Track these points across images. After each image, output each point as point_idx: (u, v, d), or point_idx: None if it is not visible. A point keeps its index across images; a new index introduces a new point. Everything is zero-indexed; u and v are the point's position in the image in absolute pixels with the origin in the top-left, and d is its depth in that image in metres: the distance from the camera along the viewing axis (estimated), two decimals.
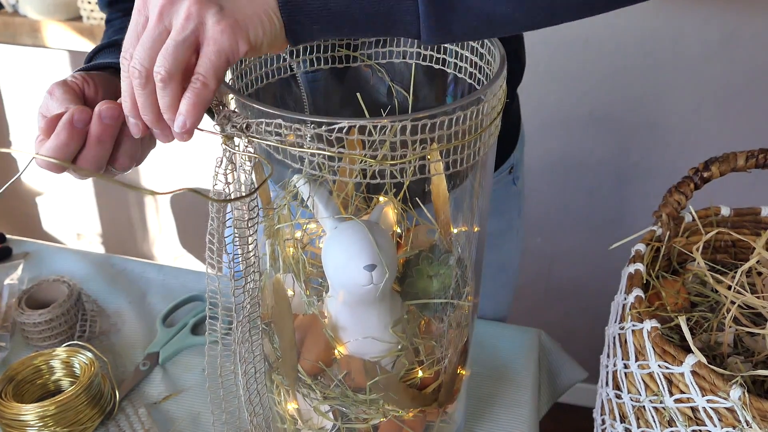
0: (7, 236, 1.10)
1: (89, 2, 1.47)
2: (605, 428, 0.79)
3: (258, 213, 0.56)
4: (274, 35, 0.49)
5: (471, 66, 0.63)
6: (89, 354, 0.81)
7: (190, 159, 1.73)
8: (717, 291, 0.77)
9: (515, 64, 0.84)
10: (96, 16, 1.50)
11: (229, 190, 0.54)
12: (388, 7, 0.48)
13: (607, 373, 0.77)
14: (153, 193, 0.45)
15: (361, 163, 0.49)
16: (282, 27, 0.49)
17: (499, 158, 0.90)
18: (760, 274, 0.78)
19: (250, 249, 0.56)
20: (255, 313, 0.60)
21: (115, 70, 0.65)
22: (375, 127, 0.48)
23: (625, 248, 0.80)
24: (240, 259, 0.56)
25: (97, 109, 0.52)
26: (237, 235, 0.56)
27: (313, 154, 0.50)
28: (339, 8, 0.48)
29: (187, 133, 0.49)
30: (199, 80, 0.47)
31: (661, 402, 0.66)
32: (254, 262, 0.57)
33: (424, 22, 0.49)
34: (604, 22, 1.34)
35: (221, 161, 0.52)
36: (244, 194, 0.54)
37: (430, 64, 0.66)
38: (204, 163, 1.72)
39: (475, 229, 0.65)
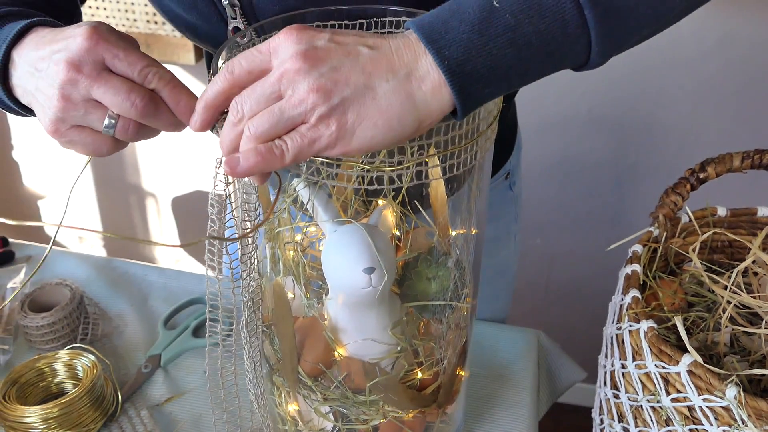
0: (10, 240, 1.10)
1: (89, 6, 1.48)
2: (604, 428, 0.79)
3: (258, 216, 0.57)
4: (405, 135, 0.47)
5: None
6: (91, 356, 0.81)
7: (192, 159, 1.74)
8: (713, 291, 0.77)
9: None
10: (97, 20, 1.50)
11: (228, 190, 0.55)
12: (558, 44, 0.46)
13: (605, 373, 0.78)
14: (171, 246, 0.46)
15: (359, 168, 0.50)
16: (431, 117, 0.46)
17: (496, 164, 0.90)
18: (756, 274, 0.79)
19: (251, 251, 0.57)
20: (256, 313, 0.60)
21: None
22: None
23: (624, 249, 0.80)
24: (239, 261, 0.57)
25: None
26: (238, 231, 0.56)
27: (311, 160, 0.50)
28: (509, 63, 0.46)
29: (232, 174, 0.48)
30: (281, 148, 0.46)
31: (658, 401, 0.67)
32: (254, 263, 0.58)
33: (596, 46, 0.47)
34: None
35: (221, 162, 0.53)
36: (245, 197, 0.55)
37: None
38: (205, 163, 1.73)
39: (473, 231, 0.66)
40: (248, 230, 0.55)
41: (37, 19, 0.58)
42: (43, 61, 0.54)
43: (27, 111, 0.60)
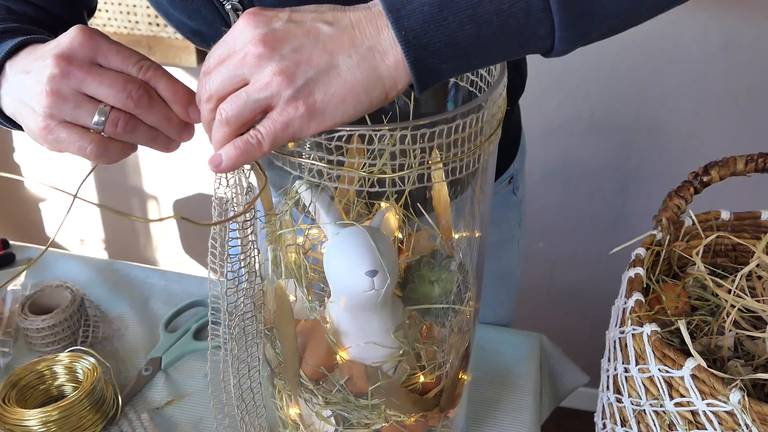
0: (11, 242, 1.10)
1: None
2: None
3: (255, 215, 0.57)
4: (374, 105, 0.47)
5: (471, 73, 0.63)
6: (92, 359, 0.81)
7: (193, 162, 1.74)
8: (717, 295, 0.77)
9: (516, 77, 0.83)
10: (98, 23, 1.51)
11: (230, 193, 0.55)
12: (520, 25, 0.45)
13: (608, 377, 0.77)
14: (147, 220, 0.46)
15: (361, 170, 0.50)
16: (397, 87, 0.47)
17: (499, 168, 0.89)
18: (760, 277, 0.79)
19: (246, 250, 0.57)
20: (249, 313, 0.60)
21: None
22: (375, 135, 0.48)
23: (627, 252, 0.80)
24: (236, 259, 0.57)
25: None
26: (239, 237, 0.56)
27: (313, 162, 0.50)
28: (468, 39, 0.45)
29: (217, 171, 0.50)
30: (257, 138, 0.47)
31: (661, 406, 0.66)
32: (249, 262, 0.58)
33: (560, 32, 0.46)
34: None
35: None
36: (240, 199, 0.55)
37: None
38: (206, 165, 1.73)
39: (476, 235, 0.65)
40: (237, 214, 0.55)
41: (34, 36, 0.58)
42: (34, 62, 0.54)
43: (10, 123, 0.60)
